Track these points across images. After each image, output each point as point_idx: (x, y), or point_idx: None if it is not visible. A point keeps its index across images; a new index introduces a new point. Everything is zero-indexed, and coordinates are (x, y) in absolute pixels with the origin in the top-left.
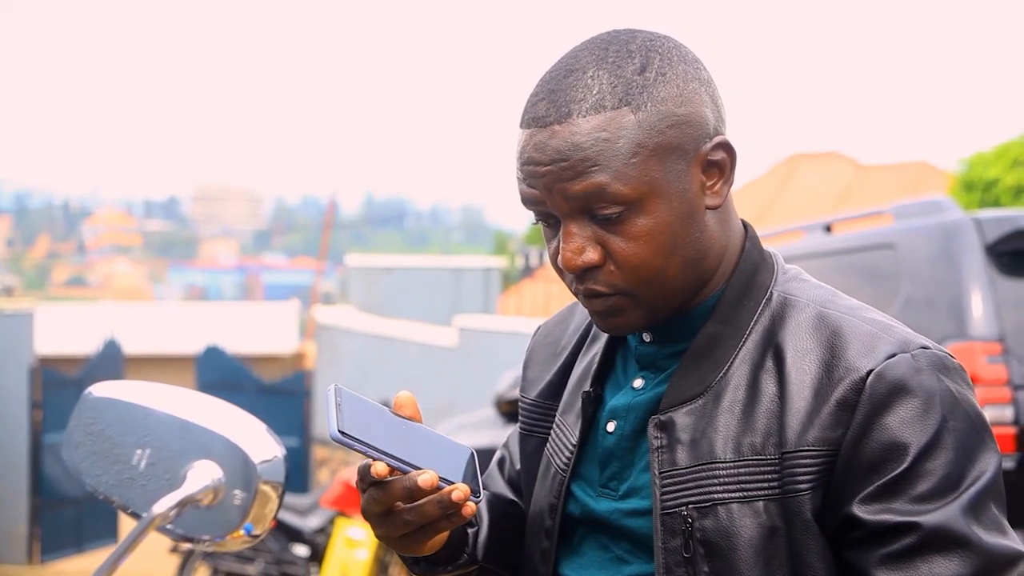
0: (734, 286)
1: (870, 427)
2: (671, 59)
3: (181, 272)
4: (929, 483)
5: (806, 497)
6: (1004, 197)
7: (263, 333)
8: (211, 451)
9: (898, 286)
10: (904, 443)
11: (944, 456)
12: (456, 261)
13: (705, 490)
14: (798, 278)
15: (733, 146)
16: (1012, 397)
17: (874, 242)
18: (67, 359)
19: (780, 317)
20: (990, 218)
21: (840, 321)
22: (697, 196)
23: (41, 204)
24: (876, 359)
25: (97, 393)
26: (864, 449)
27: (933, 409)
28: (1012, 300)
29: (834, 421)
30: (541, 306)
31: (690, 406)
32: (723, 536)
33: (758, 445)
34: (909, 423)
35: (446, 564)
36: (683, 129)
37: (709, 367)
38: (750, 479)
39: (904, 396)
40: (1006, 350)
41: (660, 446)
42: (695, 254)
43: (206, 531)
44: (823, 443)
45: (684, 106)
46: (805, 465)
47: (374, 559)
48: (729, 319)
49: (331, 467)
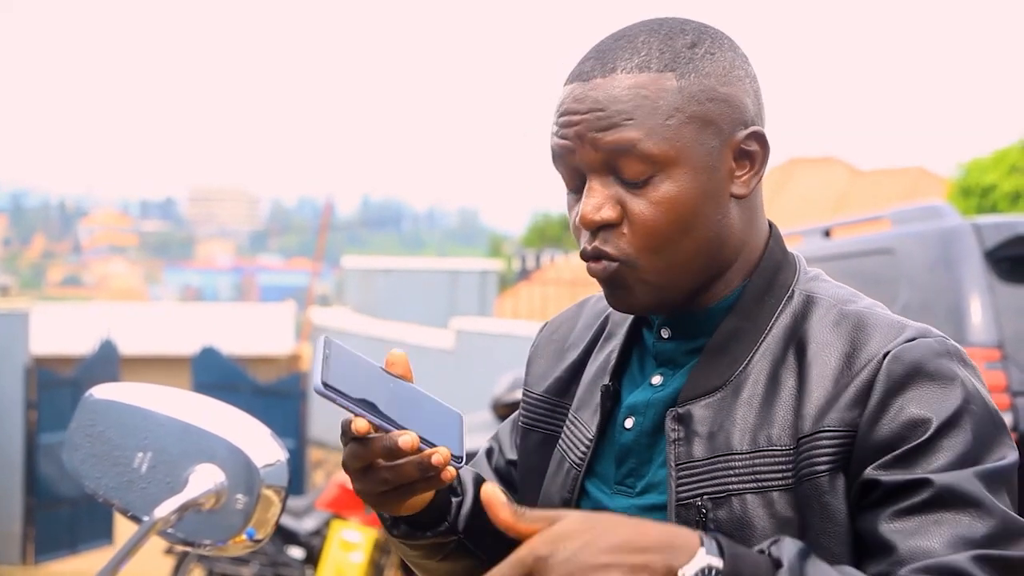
0: (756, 283)
1: (887, 406)
2: (722, 44)
3: (177, 272)
4: (947, 457)
5: (824, 479)
6: (1001, 203)
7: (259, 334)
8: (213, 455)
9: (897, 291)
10: (923, 418)
11: (963, 436)
12: (452, 263)
13: (720, 481)
14: (819, 279)
15: (768, 141)
16: (1011, 403)
17: (873, 247)
18: (62, 359)
19: (802, 315)
20: (989, 224)
21: (862, 315)
22: (725, 179)
23: (37, 204)
24: (896, 342)
25: (98, 395)
26: (881, 427)
27: (954, 390)
28: (1011, 306)
29: (852, 402)
30: (537, 309)
31: (708, 399)
32: (737, 527)
33: (774, 436)
34: (928, 401)
35: (425, 529)
36: (722, 107)
37: (728, 361)
38: (765, 470)
39: (923, 377)
40: (1005, 356)
41: (677, 438)
42: (713, 237)
43: (208, 535)
44: (840, 424)
45: (727, 86)
46: (823, 447)
47: (369, 562)
48: (750, 315)
49: (326, 469)
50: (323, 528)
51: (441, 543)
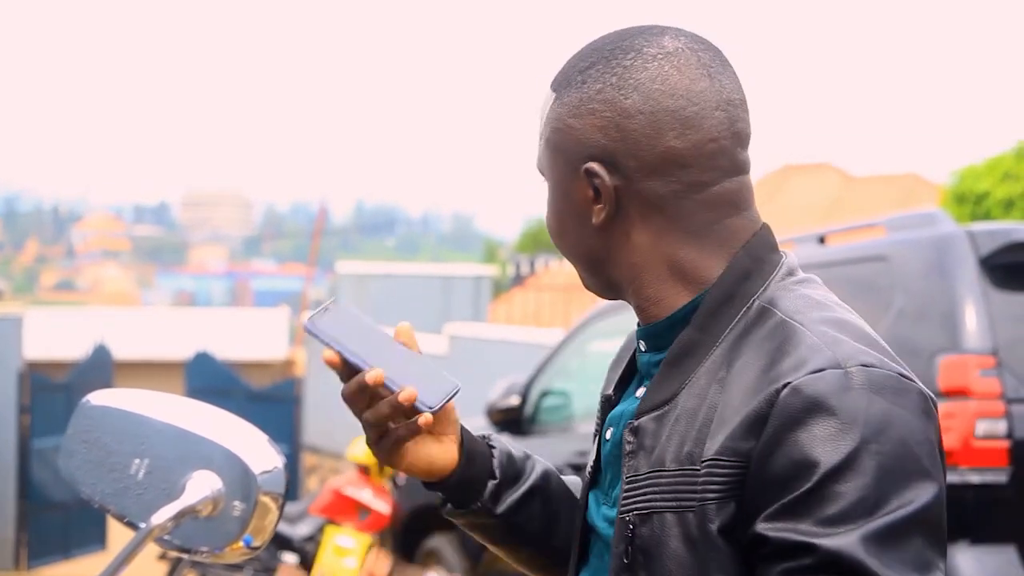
0: (713, 294)
1: (779, 442)
2: (609, 71)
3: (170, 277)
4: (838, 506)
5: (712, 507)
6: (995, 210)
7: (253, 339)
8: (210, 461)
9: (891, 298)
10: (813, 461)
11: (859, 480)
12: (446, 269)
13: (649, 498)
14: (791, 287)
15: (607, 177)
16: (1006, 410)
17: (867, 254)
18: (56, 364)
19: (750, 327)
20: (984, 231)
21: (793, 331)
22: (583, 205)
23: (30, 208)
24: (800, 372)
25: (95, 401)
26: (772, 464)
27: (852, 430)
28: (1006, 313)
29: (745, 432)
30: (531, 315)
31: (656, 412)
32: (655, 545)
33: (694, 455)
34: (821, 441)
35: (460, 506)
36: (566, 138)
37: (678, 375)
38: (683, 489)
39: (819, 413)
40: (999, 363)
41: (629, 451)
42: (586, 252)
43: (204, 542)
44: (733, 454)
45: (575, 118)
46: (715, 475)
47: (362, 567)
48: (705, 327)
49: (320, 475)
50: (317, 534)
51: (484, 523)
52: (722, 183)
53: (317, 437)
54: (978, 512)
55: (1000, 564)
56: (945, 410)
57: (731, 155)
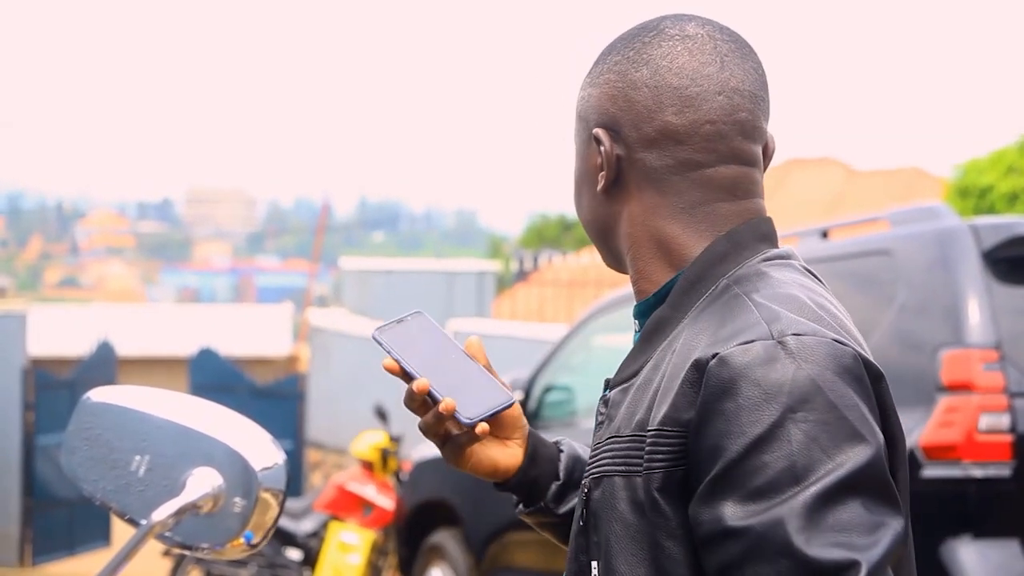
0: (688, 274)
1: (707, 412)
2: (628, 47)
3: (174, 274)
4: (763, 477)
5: (657, 475)
6: (999, 204)
7: (256, 335)
8: (211, 458)
9: (894, 293)
10: (736, 431)
11: (783, 448)
12: (450, 264)
13: (603, 463)
14: (758, 267)
15: (609, 144)
16: (1009, 404)
17: (870, 248)
18: (60, 360)
19: (711, 302)
20: (987, 225)
21: (739, 304)
22: (594, 171)
23: (34, 205)
24: (728, 345)
25: (96, 398)
26: (703, 436)
27: (776, 399)
28: (1009, 307)
29: (686, 402)
30: (535, 310)
31: (624, 385)
32: (604, 507)
33: (643, 422)
34: (745, 411)
35: (526, 505)
36: (583, 106)
37: (647, 349)
38: (631, 454)
39: (743, 383)
40: (1003, 357)
41: (599, 422)
42: (594, 220)
43: (205, 539)
44: (674, 423)
45: (591, 88)
46: (660, 444)
47: (367, 563)
48: (677, 304)
49: (324, 471)
50: (321, 530)
51: (549, 523)
52: (717, 167)
53: (321, 433)
54: (981, 506)
55: (1003, 558)
56: (948, 404)
57: (730, 142)
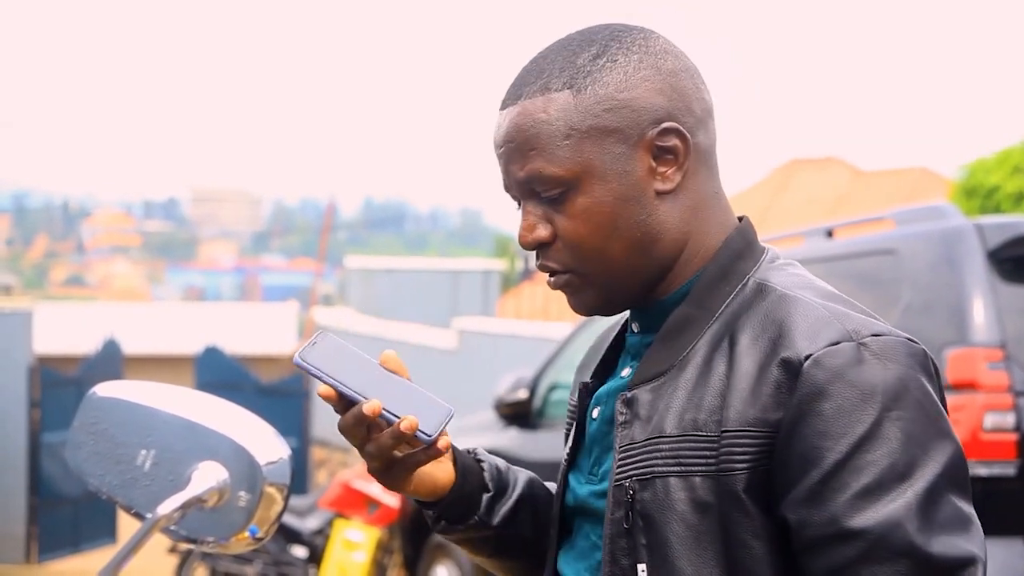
0: (710, 271)
1: (806, 414)
2: (630, 48)
3: (179, 273)
4: (870, 476)
5: (741, 476)
6: (1005, 204)
7: (262, 334)
8: (216, 452)
9: (899, 292)
10: (837, 432)
11: (886, 447)
12: (455, 264)
13: (649, 463)
14: (781, 268)
15: (686, 132)
16: (1013, 403)
17: (875, 248)
18: (66, 358)
19: (749, 302)
20: (992, 224)
21: (796, 303)
22: (644, 180)
23: (40, 204)
24: (817, 344)
25: (101, 393)
26: (798, 436)
27: (873, 400)
28: (1014, 306)
29: (774, 403)
30: (540, 309)
31: (653, 384)
32: (658, 508)
33: (700, 421)
34: (845, 412)
35: (457, 522)
36: (623, 113)
37: (676, 347)
38: (689, 454)
39: (840, 385)
40: (1007, 356)
41: (623, 422)
42: (642, 236)
43: (210, 533)
44: (762, 424)
45: (628, 91)
46: (744, 445)
47: (372, 561)
48: (701, 302)
49: (329, 468)
50: (326, 527)
51: (479, 537)
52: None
53: (326, 431)
54: (986, 505)
55: (1008, 557)
56: (953, 403)
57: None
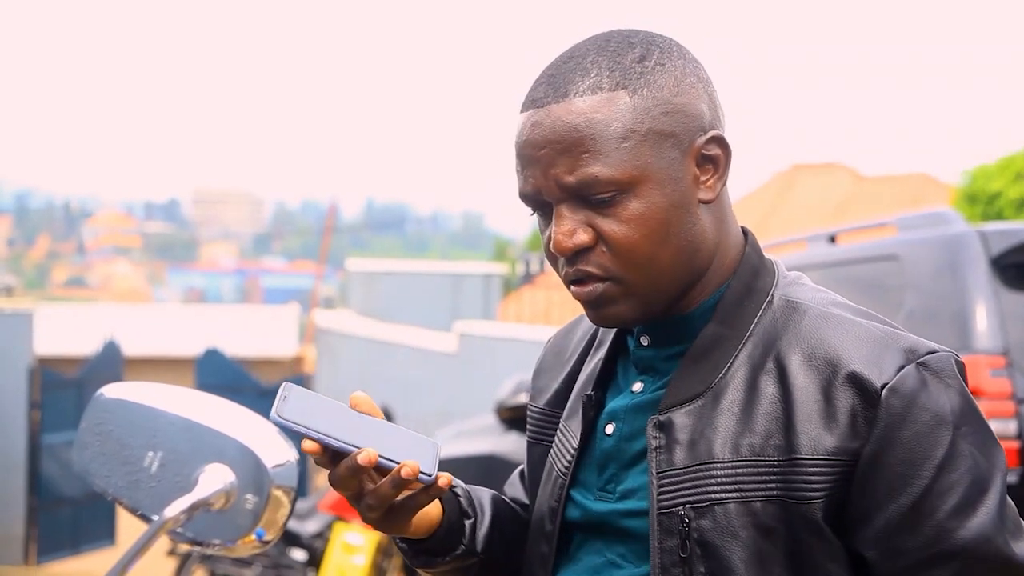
0: (735, 288)
1: (889, 443)
2: (671, 53)
3: (180, 274)
4: (957, 495)
5: (818, 503)
6: (1007, 210)
7: (263, 336)
8: (223, 454)
9: (902, 298)
10: (920, 457)
11: (964, 464)
12: (456, 267)
13: (703, 490)
14: (798, 283)
15: (728, 142)
16: (1016, 411)
17: (878, 254)
18: (66, 359)
19: (783, 320)
20: (995, 231)
21: (839, 323)
22: (690, 187)
23: (42, 204)
24: (887, 372)
25: (109, 394)
26: (883, 463)
27: (945, 421)
28: (1017, 313)
29: (851, 432)
30: (541, 313)
31: (689, 407)
32: (720, 536)
33: (757, 446)
34: (923, 437)
35: (443, 554)
36: (677, 118)
37: (709, 368)
38: (748, 480)
39: (916, 411)
40: (1010, 363)
41: (658, 446)
42: (687, 245)
43: (217, 535)
44: (841, 453)
45: (680, 96)
46: (820, 473)
47: (372, 564)
48: (730, 320)
49: None
50: (326, 530)
51: (463, 566)
52: None
53: None
54: None
55: None
56: None
57: None
